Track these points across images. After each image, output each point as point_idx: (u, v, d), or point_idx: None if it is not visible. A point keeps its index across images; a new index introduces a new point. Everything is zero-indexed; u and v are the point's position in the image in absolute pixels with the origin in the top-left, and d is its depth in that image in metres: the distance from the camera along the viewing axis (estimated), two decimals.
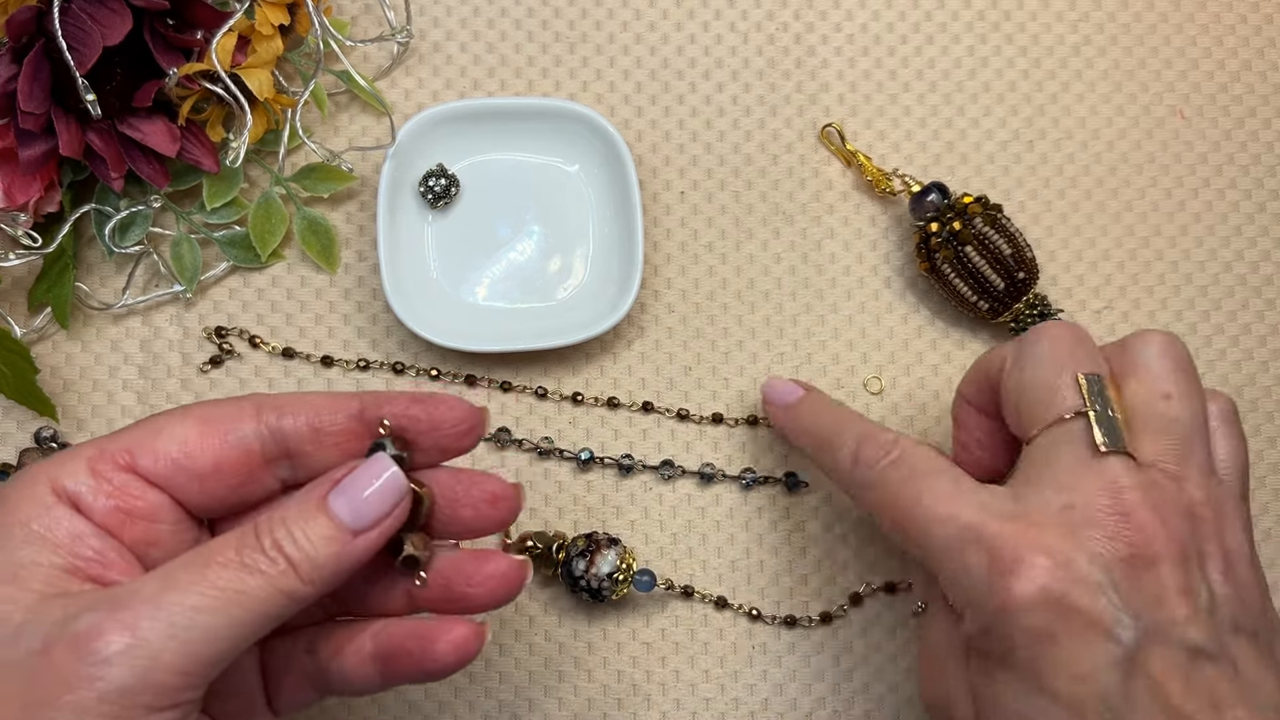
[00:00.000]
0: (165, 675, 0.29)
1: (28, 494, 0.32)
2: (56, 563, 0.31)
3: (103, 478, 0.32)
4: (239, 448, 0.33)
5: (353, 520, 0.32)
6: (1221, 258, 0.55)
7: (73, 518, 0.32)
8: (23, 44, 0.45)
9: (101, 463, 0.32)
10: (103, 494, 0.32)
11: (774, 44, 0.55)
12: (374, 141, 0.54)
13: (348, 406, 0.34)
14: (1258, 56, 0.57)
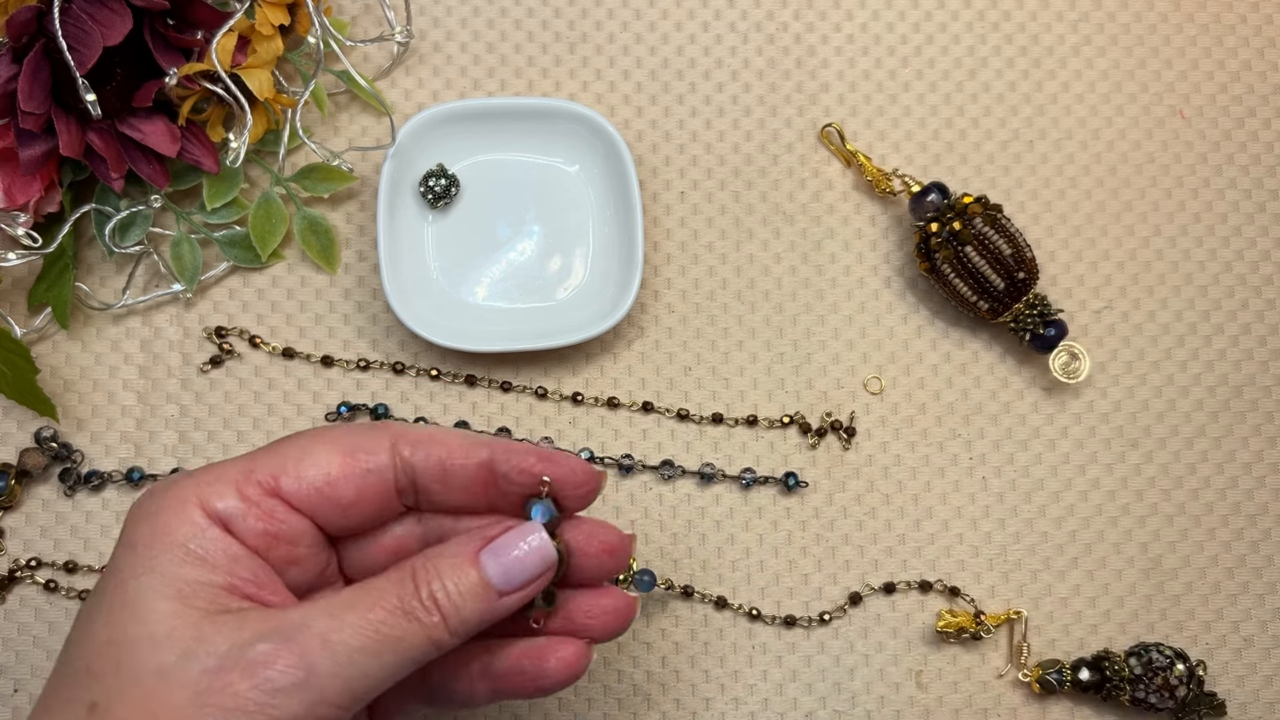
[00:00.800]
0: (326, 709, 0.31)
1: (181, 515, 0.32)
2: (216, 581, 0.32)
3: (251, 502, 0.33)
4: (377, 479, 0.35)
5: (502, 582, 0.34)
6: (1221, 258, 0.55)
7: (226, 539, 0.33)
8: (23, 44, 0.45)
9: (248, 486, 0.33)
10: (252, 517, 0.33)
11: (774, 44, 0.55)
12: (374, 141, 0.54)
13: (478, 453, 0.35)
14: (1258, 57, 0.57)
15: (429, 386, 0.52)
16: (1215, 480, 0.53)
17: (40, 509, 0.50)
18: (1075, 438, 0.53)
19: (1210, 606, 0.52)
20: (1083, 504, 0.52)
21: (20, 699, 0.48)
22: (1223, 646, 0.51)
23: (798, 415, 0.52)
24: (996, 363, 0.53)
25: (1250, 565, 0.52)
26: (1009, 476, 0.52)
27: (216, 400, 0.51)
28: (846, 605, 0.51)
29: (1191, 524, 0.52)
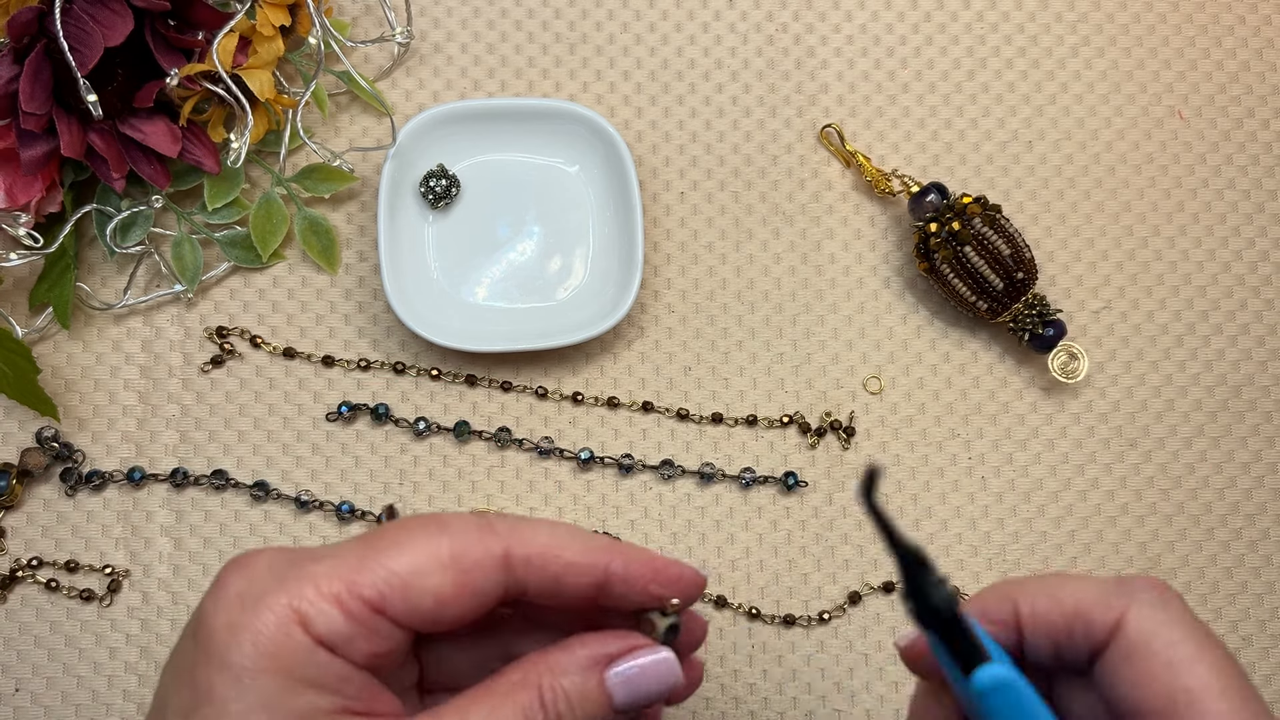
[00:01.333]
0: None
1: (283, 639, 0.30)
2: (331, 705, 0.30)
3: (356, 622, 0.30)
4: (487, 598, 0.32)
5: (625, 704, 0.32)
6: (1220, 258, 0.55)
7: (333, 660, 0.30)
8: (24, 45, 0.45)
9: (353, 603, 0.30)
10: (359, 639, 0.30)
11: (773, 45, 0.56)
12: (375, 142, 0.54)
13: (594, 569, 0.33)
14: (1256, 57, 0.57)
15: (429, 386, 0.52)
16: (1213, 480, 0.53)
17: (41, 508, 0.50)
18: (1074, 437, 0.53)
19: (1209, 606, 0.52)
20: (1081, 504, 0.52)
21: (21, 698, 0.48)
22: None
23: (797, 415, 0.52)
24: (995, 363, 0.53)
25: (1249, 565, 0.52)
26: (1008, 476, 0.52)
27: (218, 400, 0.51)
28: (846, 604, 0.51)
29: (1190, 523, 0.52)
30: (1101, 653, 0.30)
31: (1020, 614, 0.31)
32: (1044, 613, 0.31)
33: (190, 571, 0.50)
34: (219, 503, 0.51)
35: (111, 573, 0.50)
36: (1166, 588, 0.31)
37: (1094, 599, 0.30)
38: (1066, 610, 0.31)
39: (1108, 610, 0.30)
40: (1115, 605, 0.30)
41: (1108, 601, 0.30)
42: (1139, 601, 0.30)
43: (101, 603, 0.49)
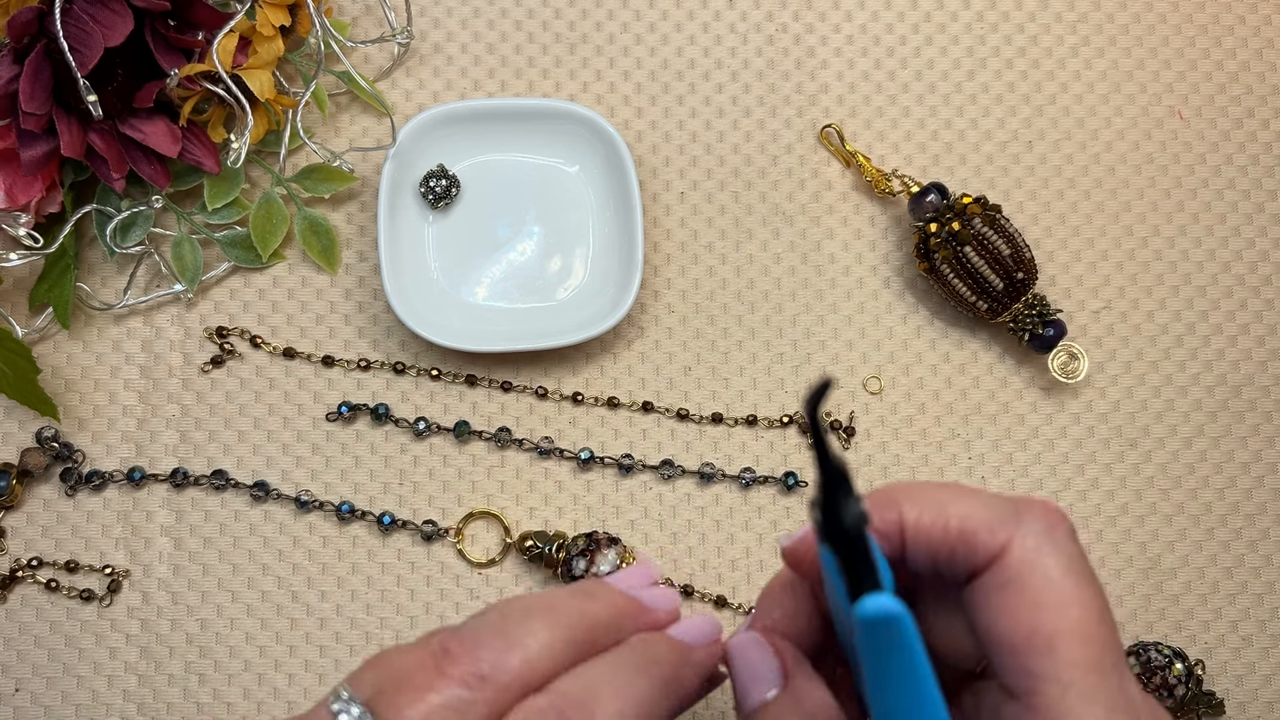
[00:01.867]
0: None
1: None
2: None
3: None
4: None
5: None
6: (1220, 258, 0.55)
7: None
8: (24, 45, 0.45)
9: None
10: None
11: (773, 45, 0.56)
12: (375, 142, 0.54)
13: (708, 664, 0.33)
14: (1256, 57, 0.57)
15: (429, 386, 0.52)
16: (1214, 480, 0.53)
17: (41, 508, 0.50)
18: (1074, 437, 0.53)
19: (1209, 606, 0.52)
20: (1081, 503, 0.52)
21: (21, 698, 0.48)
22: (1221, 646, 0.51)
23: (797, 415, 0.52)
24: (995, 363, 0.53)
25: (1249, 564, 0.52)
26: (1008, 476, 0.52)
27: (218, 400, 0.51)
28: None
29: (1190, 523, 0.52)
30: (978, 576, 0.29)
31: (904, 523, 0.30)
32: (928, 527, 0.30)
33: (190, 571, 0.50)
34: (219, 503, 0.51)
35: (111, 573, 0.50)
36: (1059, 515, 0.30)
37: (981, 521, 0.29)
38: (951, 529, 0.30)
39: (993, 535, 0.29)
40: (1001, 532, 0.29)
41: (994, 527, 0.29)
42: (1026, 530, 0.29)
43: (101, 603, 0.49)
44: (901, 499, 0.30)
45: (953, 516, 0.29)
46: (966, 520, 0.29)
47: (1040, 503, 0.30)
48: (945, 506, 0.30)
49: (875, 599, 0.26)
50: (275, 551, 0.50)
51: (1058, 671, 0.27)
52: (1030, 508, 0.30)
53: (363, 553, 0.50)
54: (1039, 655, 0.28)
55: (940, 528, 0.30)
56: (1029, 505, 0.30)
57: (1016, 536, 0.29)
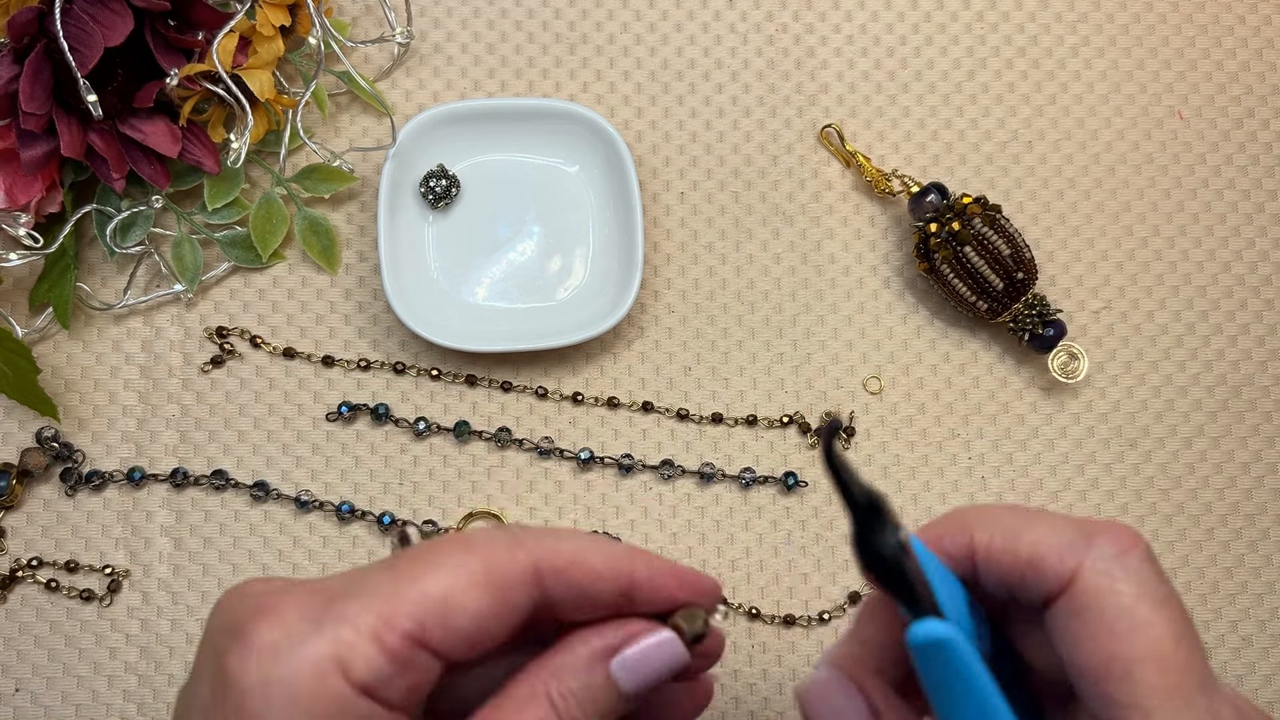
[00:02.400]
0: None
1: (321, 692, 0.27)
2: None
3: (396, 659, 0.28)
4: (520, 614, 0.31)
5: (633, 691, 0.31)
6: (1220, 258, 0.55)
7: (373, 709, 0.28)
8: (24, 45, 0.45)
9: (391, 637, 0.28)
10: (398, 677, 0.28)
11: (773, 45, 0.56)
12: (375, 142, 0.54)
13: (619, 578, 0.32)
14: (1256, 57, 0.57)
15: (429, 386, 0.52)
16: (1213, 480, 0.53)
17: (41, 508, 0.50)
18: (1074, 437, 0.53)
19: (1208, 606, 0.52)
20: (1081, 504, 0.52)
21: (21, 698, 0.48)
22: (1221, 646, 0.51)
23: (797, 415, 0.52)
24: (995, 363, 0.53)
25: (1249, 565, 0.52)
26: (1008, 476, 0.52)
27: (218, 400, 0.51)
28: (846, 604, 0.51)
29: (1190, 523, 0.52)
30: (1053, 602, 0.29)
31: (975, 547, 0.30)
32: (998, 553, 0.30)
33: (190, 571, 0.50)
34: (219, 503, 0.51)
35: (111, 573, 0.50)
36: (1132, 539, 0.29)
37: (1050, 547, 0.29)
38: (1021, 556, 0.29)
39: (1062, 561, 0.29)
40: (1070, 558, 0.29)
41: (1063, 552, 0.29)
42: (1096, 555, 0.29)
43: (101, 603, 0.49)
44: (973, 523, 0.30)
45: (1023, 542, 0.29)
46: (1036, 546, 0.29)
47: (1111, 526, 0.29)
48: (1017, 532, 0.30)
49: (923, 625, 0.26)
50: (275, 551, 0.50)
51: (1137, 699, 0.27)
52: (1101, 531, 0.29)
53: (363, 553, 0.50)
54: (1117, 683, 0.27)
55: (1010, 554, 0.29)
56: (1100, 529, 0.29)
57: (1086, 561, 0.28)
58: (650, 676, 0.31)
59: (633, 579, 0.32)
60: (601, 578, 0.31)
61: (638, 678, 0.31)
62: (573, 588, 0.31)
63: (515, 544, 0.31)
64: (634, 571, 0.32)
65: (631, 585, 0.32)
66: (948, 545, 0.30)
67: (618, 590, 0.32)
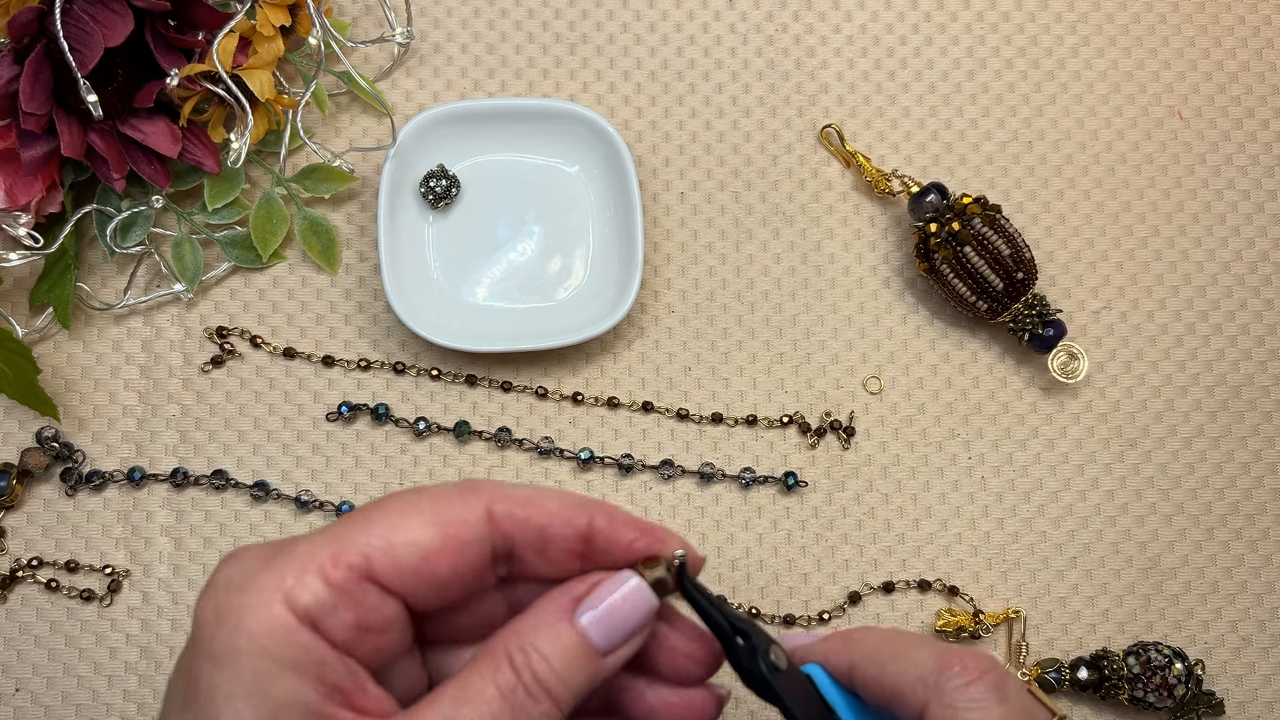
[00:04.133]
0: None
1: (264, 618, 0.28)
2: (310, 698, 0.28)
3: (341, 590, 0.29)
4: (475, 552, 0.31)
5: (604, 642, 0.31)
6: (1220, 258, 0.55)
7: (315, 642, 0.28)
8: (24, 45, 0.45)
9: (337, 570, 0.29)
10: (344, 608, 0.29)
11: (773, 45, 0.56)
12: (375, 142, 0.54)
13: (577, 521, 0.31)
14: (1255, 57, 0.57)
15: (429, 386, 0.52)
16: (1213, 480, 0.53)
17: (42, 508, 0.50)
18: (1074, 437, 0.53)
19: (1208, 606, 0.52)
20: (1081, 503, 0.52)
21: (21, 698, 0.49)
22: (1221, 645, 0.51)
23: (797, 415, 0.52)
24: (995, 363, 0.53)
25: (1248, 564, 0.52)
26: (1008, 476, 0.52)
27: (218, 400, 0.51)
28: (846, 604, 0.51)
29: (1190, 523, 0.52)
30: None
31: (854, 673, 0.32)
32: (870, 682, 0.32)
33: (190, 571, 0.50)
34: (219, 503, 0.51)
35: (111, 573, 0.50)
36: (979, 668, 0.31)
37: (906, 682, 0.31)
38: (885, 688, 0.31)
39: (914, 697, 0.31)
40: (921, 693, 0.31)
41: (915, 687, 0.31)
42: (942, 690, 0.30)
43: (101, 603, 0.49)
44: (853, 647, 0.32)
45: (887, 674, 0.31)
46: (897, 680, 0.31)
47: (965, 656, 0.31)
48: (882, 664, 0.32)
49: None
50: None
51: None
52: (953, 663, 0.31)
53: None
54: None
55: (877, 684, 0.32)
56: (953, 660, 0.31)
57: (933, 697, 0.30)
58: (621, 628, 0.31)
59: (591, 525, 0.31)
60: (557, 519, 0.31)
61: (607, 629, 0.31)
62: (529, 530, 0.31)
63: (466, 490, 0.31)
64: (592, 518, 0.31)
65: (590, 532, 0.31)
66: (834, 663, 0.32)
67: (576, 535, 0.31)
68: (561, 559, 0.32)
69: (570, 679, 0.30)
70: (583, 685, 0.30)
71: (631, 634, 0.31)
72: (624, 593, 0.31)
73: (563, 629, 0.30)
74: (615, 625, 0.31)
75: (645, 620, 0.31)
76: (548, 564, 0.32)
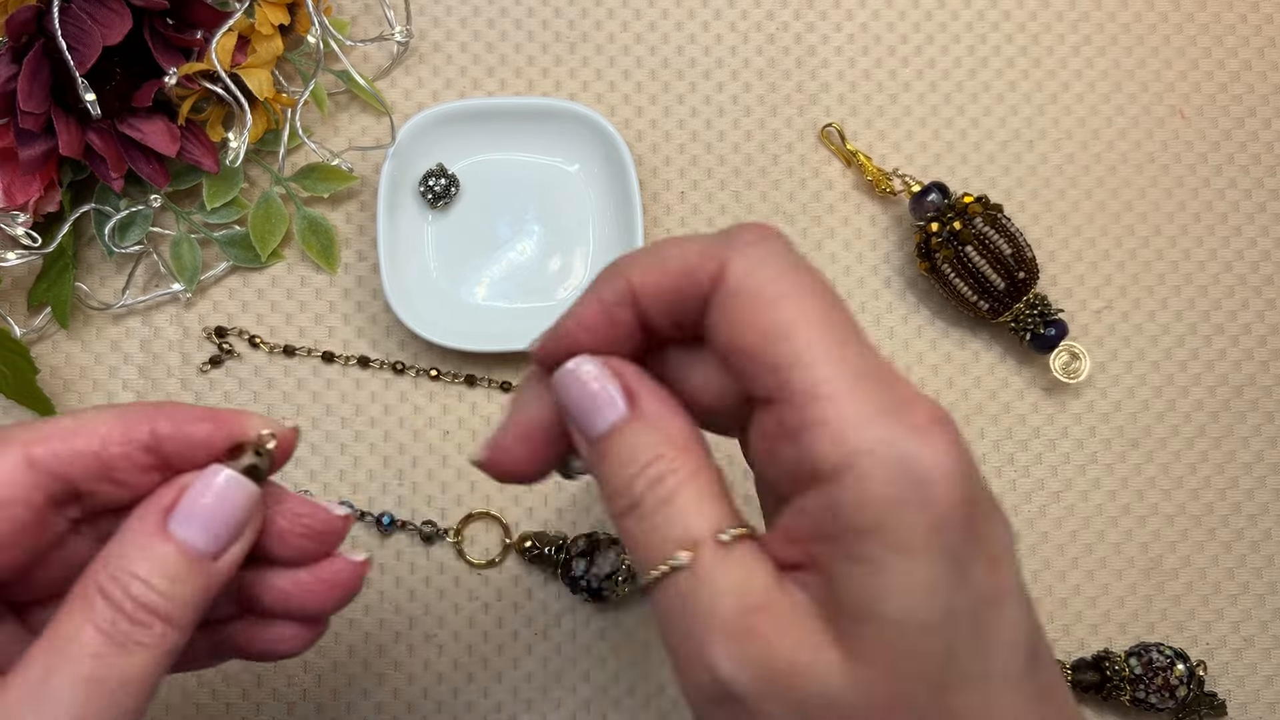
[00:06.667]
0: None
1: None
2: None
3: None
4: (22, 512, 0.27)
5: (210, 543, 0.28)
6: (1222, 258, 0.55)
7: None
8: (22, 43, 0.45)
9: None
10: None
11: (774, 43, 0.55)
12: (374, 141, 0.54)
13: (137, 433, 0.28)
14: (1258, 56, 0.56)
15: (429, 386, 0.52)
16: (1216, 480, 0.53)
17: None
18: (1075, 438, 0.53)
19: (1211, 607, 0.52)
20: (1083, 504, 0.52)
21: None
22: (1223, 647, 0.51)
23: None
24: (997, 363, 0.53)
25: (1251, 565, 0.52)
26: (1009, 477, 0.52)
27: (216, 400, 0.51)
28: None
29: (1192, 524, 0.52)
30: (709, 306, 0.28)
31: (633, 288, 0.29)
32: (654, 281, 0.29)
33: None
34: None
35: None
36: (769, 231, 0.28)
37: (696, 255, 0.28)
38: (672, 272, 0.28)
39: (709, 261, 0.28)
40: (716, 256, 0.28)
41: (705, 256, 0.28)
42: (738, 247, 0.28)
43: None
44: (625, 268, 0.29)
45: (670, 261, 0.28)
46: (683, 259, 0.28)
47: (749, 225, 0.29)
48: (663, 257, 0.29)
49: None
50: None
51: (799, 354, 0.26)
52: (741, 230, 0.28)
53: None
54: (776, 345, 0.26)
55: (663, 276, 0.28)
56: (740, 228, 0.29)
57: (730, 253, 0.28)
58: (225, 526, 0.28)
59: (155, 433, 0.28)
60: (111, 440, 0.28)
61: (208, 530, 0.28)
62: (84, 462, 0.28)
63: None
64: (154, 425, 0.29)
65: (155, 441, 0.29)
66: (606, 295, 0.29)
67: (141, 449, 0.28)
68: (137, 479, 0.29)
69: (179, 593, 0.27)
70: (198, 597, 0.28)
71: (238, 530, 0.29)
72: (216, 489, 0.28)
73: (155, 543, 0.27)
74: (216, 524, 0.28)
75: (249, 512, 0.29)
76: (124, 489, 0.29)
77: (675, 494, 0.27)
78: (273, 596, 0.31)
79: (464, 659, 0.50)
